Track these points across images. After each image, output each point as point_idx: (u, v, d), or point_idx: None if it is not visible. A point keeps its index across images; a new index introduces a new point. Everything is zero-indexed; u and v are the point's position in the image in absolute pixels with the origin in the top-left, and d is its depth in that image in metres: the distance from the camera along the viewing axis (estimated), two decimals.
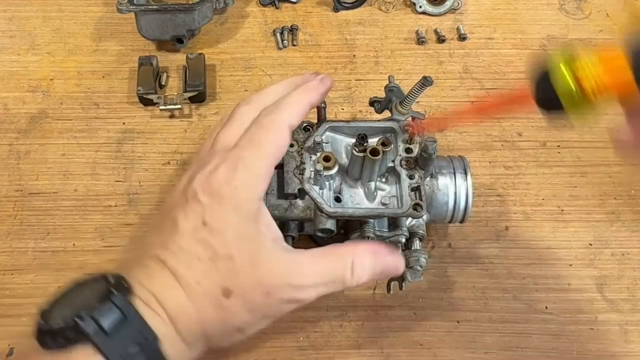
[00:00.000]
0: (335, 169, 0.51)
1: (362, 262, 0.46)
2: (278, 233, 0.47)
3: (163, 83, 0.71)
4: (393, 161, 0.52)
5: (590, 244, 0.62)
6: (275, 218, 0.53)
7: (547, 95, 0.37)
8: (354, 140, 0.51)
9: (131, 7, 0.69)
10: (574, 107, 0.37)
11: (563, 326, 0.58)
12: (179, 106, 0.68)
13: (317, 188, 0.51)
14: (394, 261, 0.49)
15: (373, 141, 0.51)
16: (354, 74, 0.73)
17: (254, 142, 0.47)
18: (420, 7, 0.77)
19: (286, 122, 0.48)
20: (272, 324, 0.47)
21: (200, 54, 0.72)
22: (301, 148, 0.53)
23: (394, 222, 0.53)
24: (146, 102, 0.69)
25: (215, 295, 0.43)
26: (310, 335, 0.57)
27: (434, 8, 0.77)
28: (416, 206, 0.50)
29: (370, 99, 0.61)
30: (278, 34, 0.75)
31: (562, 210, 0.64)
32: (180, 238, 0.44)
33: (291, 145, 0.52)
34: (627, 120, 0.43)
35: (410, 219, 0.53)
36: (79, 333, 0.38)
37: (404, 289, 0.54)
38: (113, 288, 0.40)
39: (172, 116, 0.69)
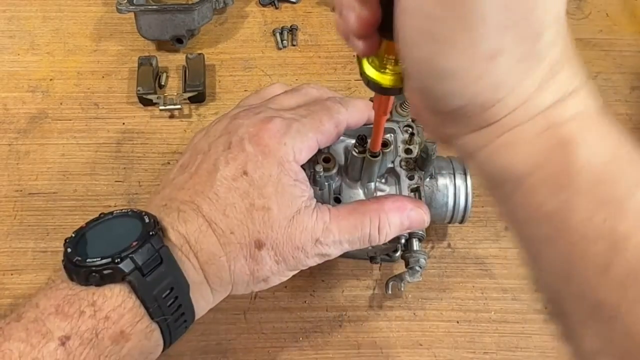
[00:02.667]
0: (335, 170, 0.51)
1: (389, 220, 0.46)
2: (311, 192, 0.46)
3: (163, 83, 0.71)
4: (393, 162, 0.52)
5: None
6: None
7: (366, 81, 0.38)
8: (353, 141, 0.51)
9: (131, 7, 0.69)
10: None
11: None
12: (178, 106, 0.68)
13: (316, 189, 0.51)
14: (419, 214, 0.48)
15: None
16: (354, 74, 0.73)
17: (315, 118, 0.47)
18: None
19: (345, 121, 0.48)
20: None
21: (199, 54, 0.72)
22: None
23: None
24: (146, 102, 0.69)
25: (247, 246, 0.43)
26: (309, 335, 0.57)
27: None
28: None
29: (370, 99, 0.61)
30: (278, 34, 0.75)
31: None
32: (219, 185, 0.43)
33: None
34: None
35: None
36: (118, 272, 0.39)
37: (403, 289, 0.54)
38: (151, 230, 0.40)
39: (171, 116, 0.69)
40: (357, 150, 0.50)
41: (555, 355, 0.57)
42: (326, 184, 0.51)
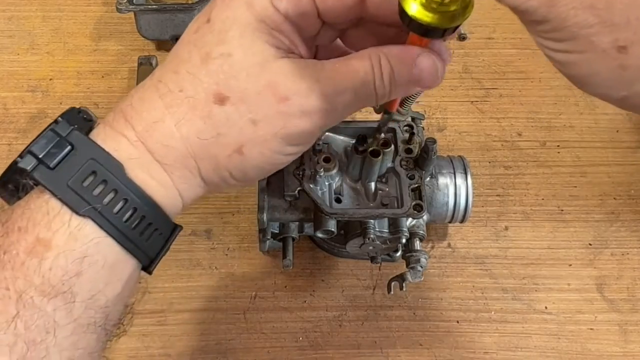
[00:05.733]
0: (336, 170, 0.51)
1: (391, 60, 0.35)
2: (291, 47, 0.36)
3: None
4: (393, 161, 0.52)
5: (590, 244, 0.62)
6: (276, 219, 0.53)
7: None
8: (353, 141, 0.51)
9: (131, 6, 0.69)
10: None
11: (563, 326, 0.58)
12: None
13: (317, 189, 0.51)
14: (430, 61, 0.35)
15: None
16: None
17: None
18: None
19: None
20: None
21: None
22: None
23: (394, 223, 0.53)
24: None
25: (203, 102, 0.34)
26: (309, 335, 0.57)
27: None
28: (416, 206, 0.50)
29: None
30: None
31: (562, 210, 0.64)
32: (179, 43, 0.36)
33: None
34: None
35: (410, 219, 0.53)
36: (22, 174, 0.33)
37: (404, 289, 0.54)
38: (60, 118, 0.34)
39: None
40: (357, 150, 0.50)
41: (555, 355, 0.57)
42: (326, 183, 0.51)
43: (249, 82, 0.34)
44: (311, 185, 0.51)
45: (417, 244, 0.54)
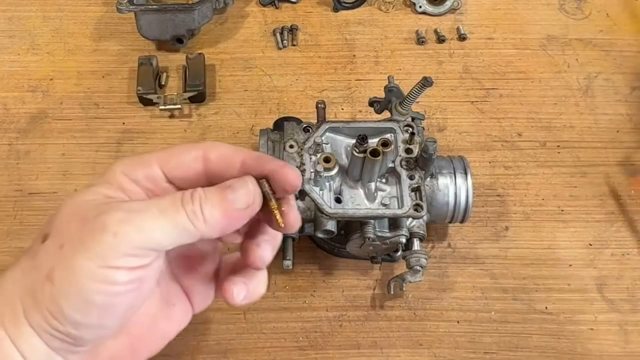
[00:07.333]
0: (336, 170, 0.51)
1: (206, 194, 0.36)
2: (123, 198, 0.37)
3: (163, 83, 0.71)
4: (393, 162, 0.52)
5: (590, 244, 0.62)
6: None
7: None
8: (353, 141, 0.51)
9: (131, 7, 0.69)
10: None
11: (563, 326, 0.58)
12: (178, 106, 0.68)
13: (317, 189, 0.51)
14: (248, 193, 0.36)
15: (373, 142, 0.51)
16: (353, 74, 0.73)
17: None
18: (420, 7, 0.77)
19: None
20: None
21: (200, 53, 0.71)
22: (301, 149, 0.53)
23: (394, 223, 0.53)
24: (146, 102, 0.69)
25: (34, 243, 0.37)
26: (310, 336, 0.57)
27: (434, 8, 0.77)
28: (417, 206, 0.50)
29: (370, 99, 0.61)
30: (278, 34, 0.75)
31: (562, 210, 0.64)
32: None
33: (291, 147, 0.52)
34: None
35: (410, 219, 0.53)
36: None
37: (404, 289, 0.54)
38: None
39: (171, 116, 0.69)
40: (357, 150, 0.50)
41: (555, 355, 0.57)
42: (327, 183, 0.51)
43: (64, 218, 0.36)
44: (312, 186, 0.51)
45: (417, 244, 0.54)
